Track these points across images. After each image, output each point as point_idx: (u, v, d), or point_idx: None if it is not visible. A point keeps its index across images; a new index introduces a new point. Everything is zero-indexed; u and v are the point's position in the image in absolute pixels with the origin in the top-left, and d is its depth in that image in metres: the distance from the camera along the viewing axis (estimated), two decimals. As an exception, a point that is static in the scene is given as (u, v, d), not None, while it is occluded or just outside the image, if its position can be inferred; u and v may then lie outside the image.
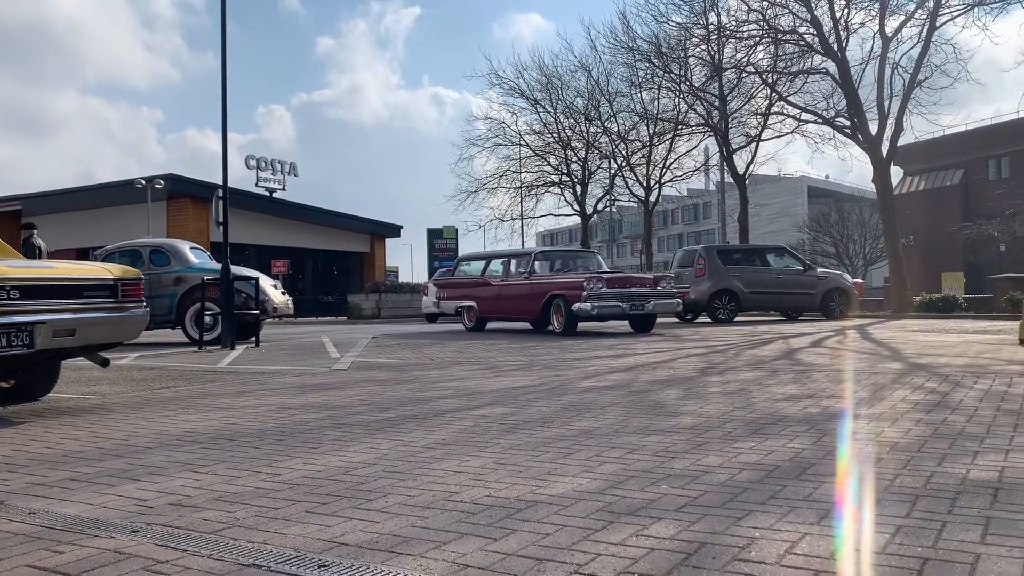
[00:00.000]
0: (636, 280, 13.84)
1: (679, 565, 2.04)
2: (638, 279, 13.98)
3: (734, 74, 26.28)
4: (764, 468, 3.14)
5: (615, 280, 13.38)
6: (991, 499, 2.60)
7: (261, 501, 2.78)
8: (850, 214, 49.94)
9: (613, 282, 13.23)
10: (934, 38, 21.63)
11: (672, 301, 13.67)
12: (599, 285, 12.88)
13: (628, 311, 13.16)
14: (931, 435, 3.77)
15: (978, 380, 5.90)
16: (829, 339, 11.29)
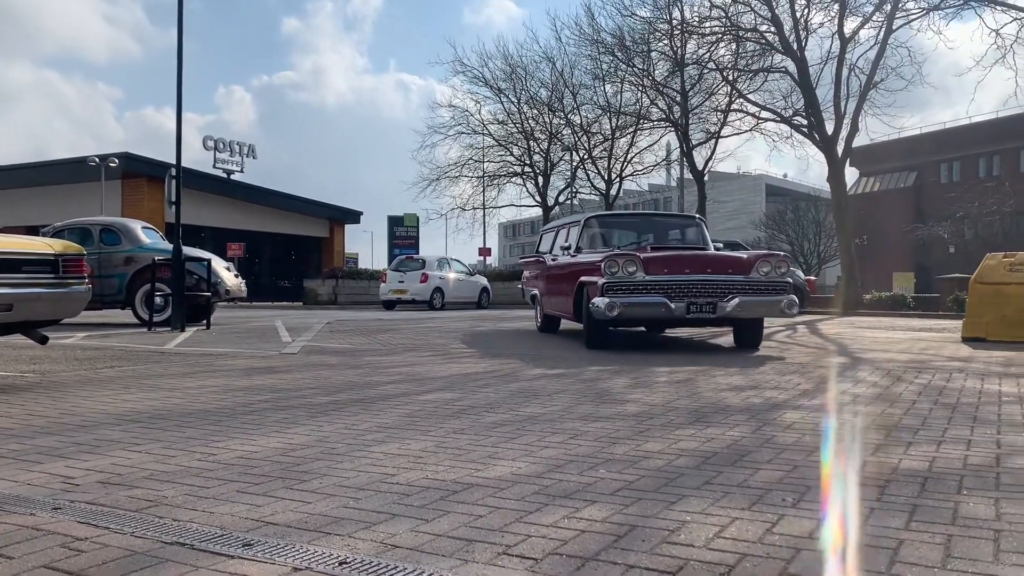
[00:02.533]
0: (705, 260, 8.25)
1: (608, 547, 2.04)
2: (711, 259, 8.35)
3: (695, 70, 26.43)
4: (702, 455, 3.16)
5: (662, 261, 8.14)
6: (919, 488, 2.65)
7: (192, 480, 2.73)
8: (806, 213, 50.66)
9: (658, 263, 8.05)
10: (890, 41, 21.98)
11: (777, 299, 7.91)
12: (631, 268, 7.87)
13: (683, 313, 7.81)
14: (868, 426, 3.83)
15: (919, 375, 6.02)
16: (779, 334, 11.45)
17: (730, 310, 7.78)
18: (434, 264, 24.30)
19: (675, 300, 7.77)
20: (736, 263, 8.14)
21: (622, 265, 7.87)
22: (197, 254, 13.45)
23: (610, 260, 7.92)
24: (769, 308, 7.96)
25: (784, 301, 7.85)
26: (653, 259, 8.08)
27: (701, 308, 7.79)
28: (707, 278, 7.89)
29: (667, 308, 7.75)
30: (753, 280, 7.92)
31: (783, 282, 8.01)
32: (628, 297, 7.83)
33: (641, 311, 7.91)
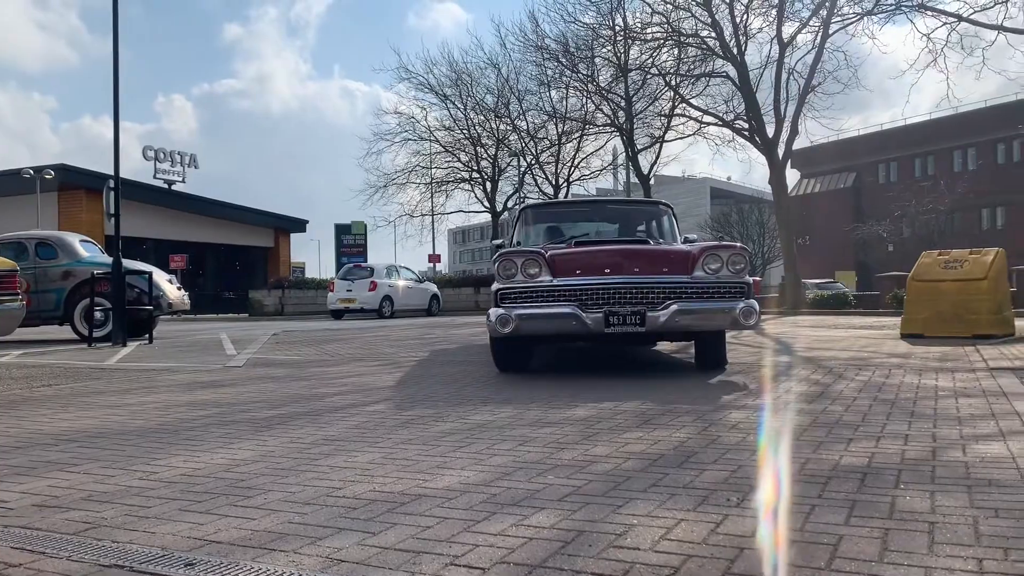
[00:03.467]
0: (632, 256, 6.43)
1: (555, 553, 2.04)
2: (640, 254, 6.51)
3: (639, 76, 26.73)
4: (649, 457, 3.19)
5: (574, 259, 6.39)
6: (859, 483, 2.71)
7: (132, 500, 2.67)
8: (749, 214, 51.57)
9: (568, 262, 6.31)
10: (827, 45, 22.51)
11: (730, 306, 6.02)
12: (532, 269, 6.21)
13: (600, 326, 5.98)
14: (810, 424, 3.91)
15: (859, 372, 6.16)
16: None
17: (665, 321, 5.80)
18: (383, 272, 24.14)
19: (590, 309, 5.92)
20: (675, 258, 6.20)
21: (520, 267, 6.13)
22: (138, 267, 13.16)
23: (504, 261, 6.17)
24: (719, 317, 5.97)
25: (740, 308, 5.85)
26: (562, 257, 6.24)
27: (624, 319, 5.86)
28: (633, 280, 5.96)
29: (578, 320, 5.89)
30: (698, 281, 5.96)
31: (738, 283, 5.98)
32: (527, 307, 6.03)
33: (543, 325, 6.07)
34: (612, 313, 5.92)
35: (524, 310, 6.05)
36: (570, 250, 6.63)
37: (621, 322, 5.91)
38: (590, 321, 5.92)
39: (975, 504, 2.42)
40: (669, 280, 6.02)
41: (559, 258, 6.28)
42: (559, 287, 6.08)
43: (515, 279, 6.17)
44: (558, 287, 6.09)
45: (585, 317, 5.93)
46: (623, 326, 5.92)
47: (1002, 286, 10.06)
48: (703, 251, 6.18)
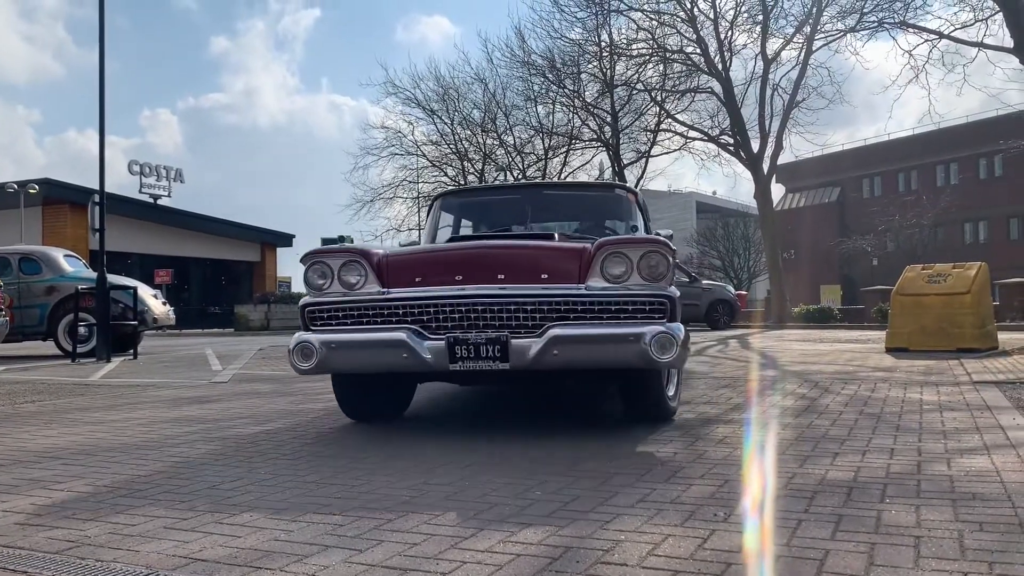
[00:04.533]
0: (498, 258, 4.28)
1: (543, 570, 2.04)
2: (511, 255, 4.38)
3: (625, 91, 26.91)
4: (636, 472, 3.19)
5: (414, 262, 4.47)
6: (845, 497, 2.72)
7: (117, 518, 2.64)
8: (735, 229, 51.82)
9: (406, 267, 4.38)
10: (811, 61, 22.76)
11: (635, 331, 3.88)
12: (352, 277, 4.32)
13: (443, 361, 4.03)
14: (796, 438, 3.92)
15: (845, 386, 6.19)
16: (711, 348, 11.65)
17: (537, 354, 3.90)
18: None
19: (430, 335, 4.05)
20: (559, 260, 4.22)
21: (337, 273, 4.28)
22: (123, 282, 13.10)
23: (314, 264, 4.35)
24: (619, 350, 3.91)
25: (650, 336, 3.81)
26: (395, 260, 4.36)
27: (478, 351, 3.96)
28: (491, 293, 4.04)
29: (409, 351, 4.00)
30: (593, 294, 4.01)
31: (654, 297, 3.99)
32: (340, 332, 4.20)
33: (360, 358, 4.21)
34: (458, 342, 3.95)
35: (335, 336, 4.16)
36: (408, 250, 4.80)
37: (472, 355, 3.94)
38: (429, 353, 3.97)
39: (960, 518, 2.43)
40: (546, 293, 3.98)
41: (392, 261, 4.32)
42: (387, 302, 4.16)
43: (328, 291, 4.29)
44: (386, 302, 4.16)
45: (421, 347, 3.98)
46: (476, 360, 3.95)
47: (985, 300, 10.14)
48: (601, 248, 4.06)
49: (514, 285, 4.03)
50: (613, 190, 6.57)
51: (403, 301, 4.15)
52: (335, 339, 4.16)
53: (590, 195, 6.62)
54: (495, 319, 4.01)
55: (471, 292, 4.04)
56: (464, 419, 5.12)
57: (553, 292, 4.00)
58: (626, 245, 4.08)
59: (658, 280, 3.98)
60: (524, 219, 5.84)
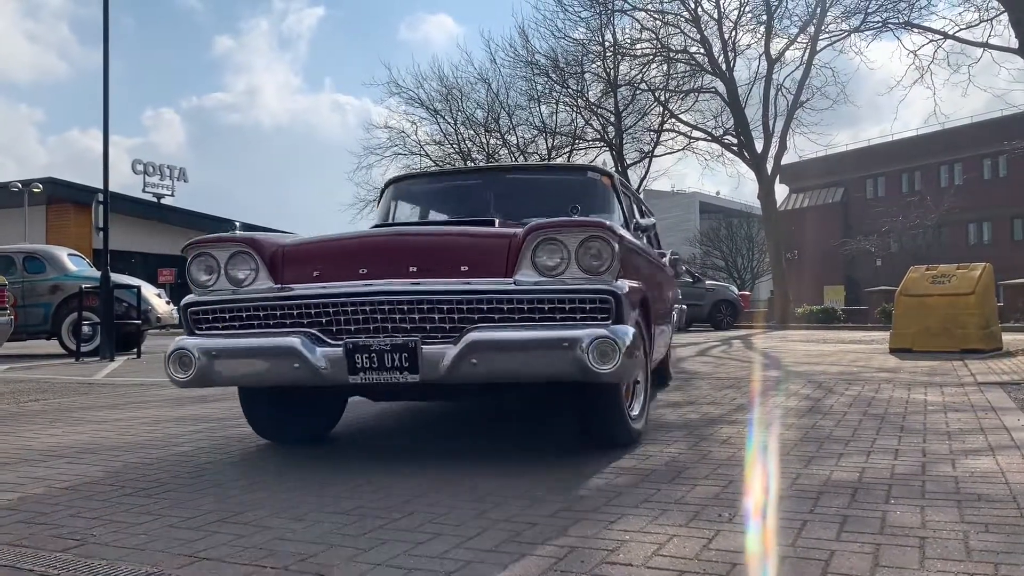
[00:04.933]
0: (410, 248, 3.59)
1: (548, 569, 2.04)
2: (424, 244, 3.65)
3: (628, 91, 26.92)
4: (640, 472, 3.19)
5: (312, 253, 3.70)
6: (850, 498, 2.72)
7: (122, 517, 2.65)
8: (738, 229, 51.78)
9: (303, 259, 3.64)
10: (815, 61, 22.75)
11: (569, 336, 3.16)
12: (240, 271, 3.62)
13: (342, 372, 3.34)
14: (801, 439, 3.92)
15: (849, 387, 6.19)
16: (714, 348, 11.65)
17: (452, 365, 3.25)
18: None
19: (326, 340, 3.41)
20: (481, 249, 3.53)
21: (224, 266, 3.62)
22: (126, 281, 13.11)
23: (199, 257, 3.68)
24: (550, 359, 3.23)
25: (587, 341, 3.15)
26: (292, 250, 3.68)
27: (381, 361, 3.32)
28: (399, 289, 3.38)
29: (302, 361, 3.36)
30: (523, 291, 3.34)
31: (597, 294, 3.32)
32: (225, 337, 3.57)
33: (245, 369, 3.57)
34: (358, 350, 3.30)
35: (217, 342, 3.53)
36: (306, 239, 3.84)
37: (375, 365, 3.29)
38: (324, 363, 3.32)
39: (965, 519, 2.43)
40: (465, 289, 3.31)
41: (289, 252, 3.64)
42: (279, 301, 3.49)
43: (214, 288, 3.61)
44: (277, 301, 3.49)
45: (314, 356, 3.32)
46: (379, 372, 3.29)
47: (989, 301, 10.13)
48: (532, 234, 3.33)
49: (428, 280, 3.34)
50: (586, 173, 5.38)
51: (297, 300, 3.46)
52: (217, 346, 3.50)
53: (560, 179, 5.53)
54: (406, 321, 3.33)
55: (374, 288, 3.34)
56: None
57: (473, 288, 3.30)
58: (561, 230, 3.33)
59: (601, 272, 3.27)
60: (486, 207, 4.87)
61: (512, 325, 3.28)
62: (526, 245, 3.33)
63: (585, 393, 3.58)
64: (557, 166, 7.08)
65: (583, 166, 5.84)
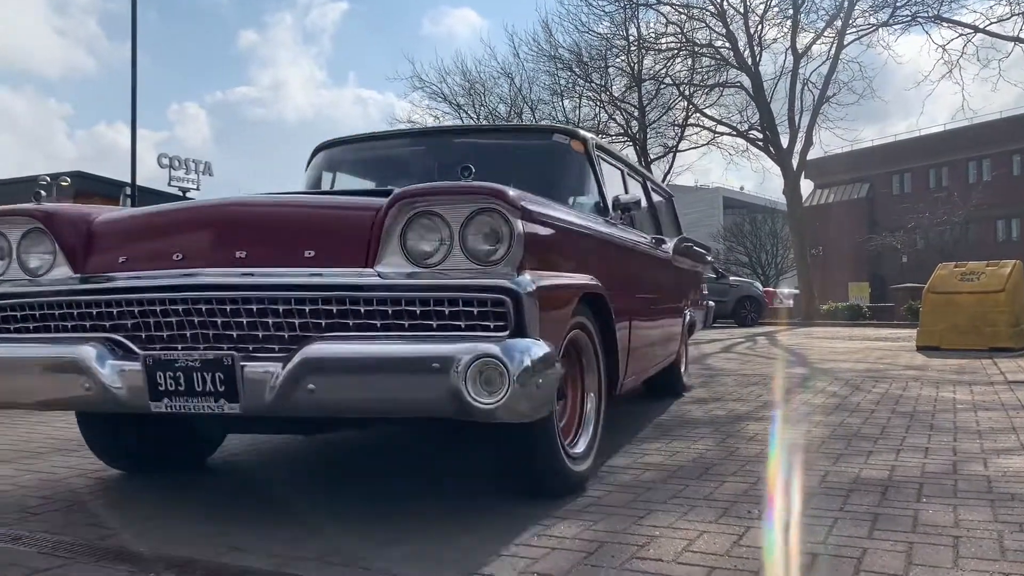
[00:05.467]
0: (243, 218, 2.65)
1: (578, 564, 2.05)
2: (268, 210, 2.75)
3: (652, 85, 26.76)
4: (668, 469, 3.19)
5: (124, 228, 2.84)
6: (880, 496, 2.70)
7: (166, 508, 2.68)
8: (762, 225, 51.43)
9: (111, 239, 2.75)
10: (842, 56, 22.50)
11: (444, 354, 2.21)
12: (37, 256, 2.74)
13: (140, 396, 2.43)
14: (829, 436, 3.89)
15: (876, 384, 6.13)
16: (739, 345, 11.59)
17: (280, 391, 2.32)
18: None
19: (135, 351, 2.51)
20: (331, 228, 2.63)
21: (15, 248, 2.79)
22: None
23: None
24: (407, 386, 2.31)
25: (465, 362, 2.20)
26: (100, 229, 2.80)
27: (190, 382, 2.41)
28: (216, 283, 2.45)
29: (92, 380, 2.48)
30: (387, 286, 2.38)
31: (487, 293, 2.33)
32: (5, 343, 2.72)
33: (25, 385, 2.67)
34: (160, 365, 2.45)
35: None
36: (114, 215, 2.93)
37: (181, 388, 2.43)
38: (119, 382, 2.47)
39: (999, 518, 2.41)
40: (307, 283, 2.42)
41: (96, 230, 2.79)
42: (71, 297, 2.66)
43: (3, 277, 2.78)
44: (69, 297, 2.66)
45: (107, 374, 2.47)
46: (187, 397, 2.43)
47: (1019, 298, 9.99)
48: (399, 205, 2.43)
49: (260, 269, 2.43)
50: (550, 136, 4.13)
51: (91, 296, 2.60)
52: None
53: (518, 144, 4.29)
54: (231, 327, 2.43)
55: (186, 282, 2.44)
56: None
57: (318, 282, 2.37)
58: (439, 199, 2.38)
59: (494, 261, 2.33)
60: (429, 178, 3.50)
61: (371, 337, 2.33)
62: (392, 222, 2.39)
63: (510, 431, 2.48)
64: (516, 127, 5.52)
65: (547, 127, 4.81)
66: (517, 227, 2.35)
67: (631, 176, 4.74)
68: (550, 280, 2.51)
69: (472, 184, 2.41)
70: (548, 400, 2.36)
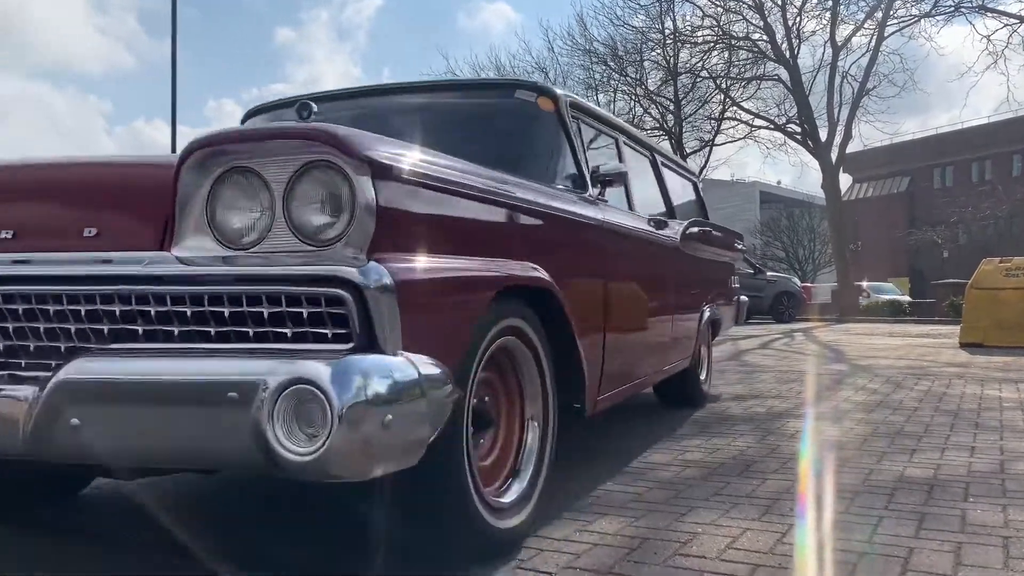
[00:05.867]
0: None
1: (621, 560, 2.05)
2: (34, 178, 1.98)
3: (688, 79, 26.55)
4: (708, 466, 3.17)
5: None
6: (926, 495, 2.67)
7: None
8: (800, 220, 50.86)
9: None
10: (882, 48, 22.15)
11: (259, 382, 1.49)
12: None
13: None
14: (871, 434, 3.85)
15: (918, 381, 6.04)
16: (777, 341, 11.48)
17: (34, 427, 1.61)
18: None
19: None
20: (116, 199, 1.86)
21: None
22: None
23: None
24: (193, 427, 1.57)
25: (272, 391, 1.49)
26: None
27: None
28: None
29: None
30: (182, 277, 1.68)
31: (318, 285, 1.61)
32: None
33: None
34: None
35: None
36: None
37: None
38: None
39: (1049, 519, 2.37)
40: (77, 273, 1.74)
41: None
42: None
43: None
44: None
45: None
46: None
47: (1067, 295, 9.79)
48: (197, 155, 1.70)
49: (32, 255, 1.80)
50: (512, 92, 3.27)
51: None
52: None
53: (476, 103, 3.39)
54: None
55: None
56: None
57: (94, 272, 1.73)
58: (254, 150, 1.70)
59: (331, 240, 1.67)
60: None
61: (156, 351, 1.67)
62: (190, 184, 1.71)
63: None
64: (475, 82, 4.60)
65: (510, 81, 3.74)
66: (362, 189, 1.64)
67: (632, 147, 4.02)
68: (435, 269, 1.83)
69: (296, 127, 1.72)
70: (409, 449, 1.66)
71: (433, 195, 1.90)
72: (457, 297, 1.91)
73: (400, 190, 1.76)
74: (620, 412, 4.66)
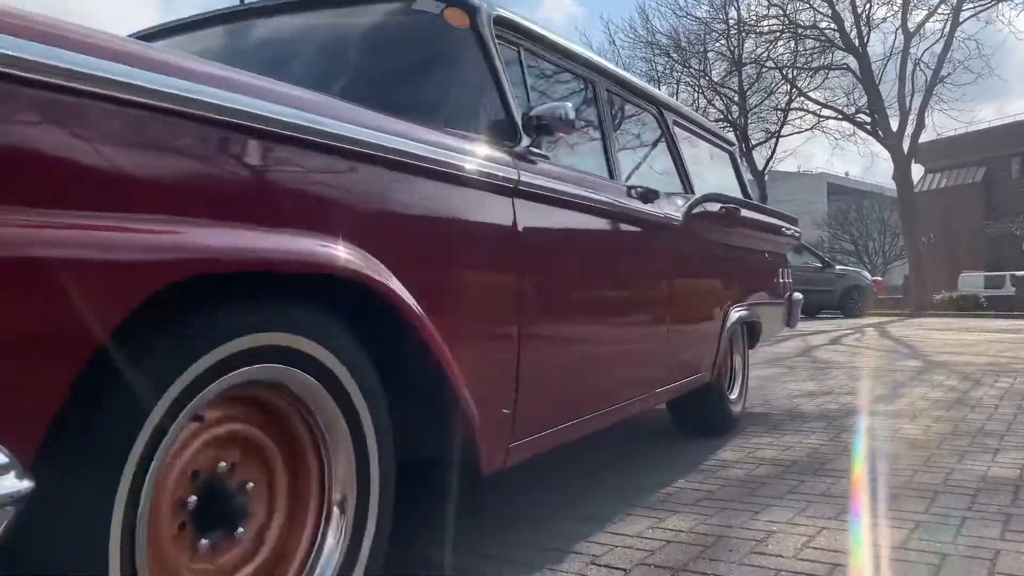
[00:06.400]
0: None
1: (696, 557, 2.04)
2: None
3: (754, 69, 26.12)
4: (782, 463, 3.13)
5: None
6: (1012, 496, 2.58)
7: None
8: (869, 212, 49.61)
9: None
10: (957, 34, 21.45)
11: None
12: None
13: None
14: (950, 432, 3.74)
15: (998, 378, 5.85)
16: (847, 336, 11.22)
17: None
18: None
19: None
20: None
21: None
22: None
23: None
24: None
25: None
26: None
27: None
28: None
29: None
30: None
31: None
32: None
33: None
34: None
35: None
36: None
37: None
38: None
39: None
40: None
41: None
42: None
43: None
44: None
45: None
46: None
47: None
48: None
49: None
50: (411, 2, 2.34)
51: None
52: None
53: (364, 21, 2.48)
54: None
55: None
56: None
57: None
58: None
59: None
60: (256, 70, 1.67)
61: None
62: None
63: None
64: None
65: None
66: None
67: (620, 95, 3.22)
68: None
69: None
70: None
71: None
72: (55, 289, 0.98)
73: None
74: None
